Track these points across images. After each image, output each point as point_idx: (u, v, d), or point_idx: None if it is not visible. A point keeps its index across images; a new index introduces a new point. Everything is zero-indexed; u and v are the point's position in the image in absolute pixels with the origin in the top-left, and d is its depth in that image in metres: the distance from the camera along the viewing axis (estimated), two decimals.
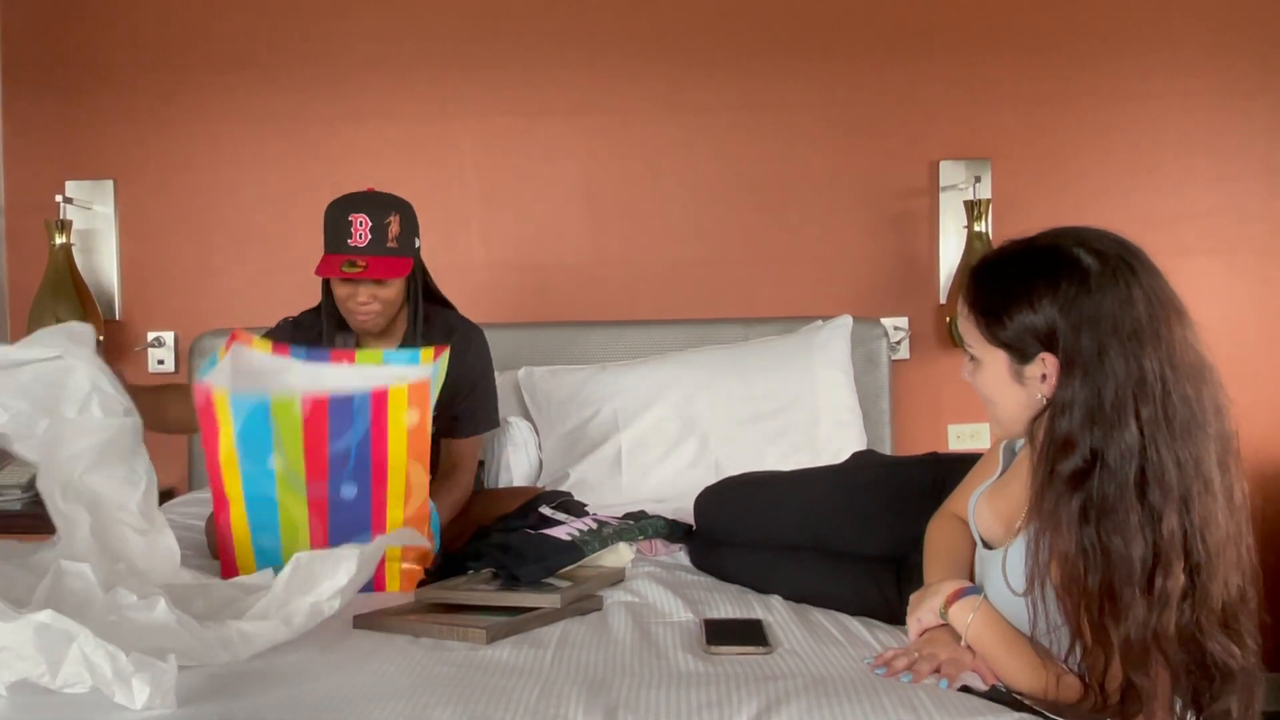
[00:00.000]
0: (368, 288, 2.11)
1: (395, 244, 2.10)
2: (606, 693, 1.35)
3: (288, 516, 1.79)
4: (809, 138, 3.08)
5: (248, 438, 1.76)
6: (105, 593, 1.44)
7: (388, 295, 2.14)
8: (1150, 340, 1.34)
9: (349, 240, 2.07)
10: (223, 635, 1.44)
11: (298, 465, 1.76)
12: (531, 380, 2.84)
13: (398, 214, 2.12)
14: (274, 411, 1.75)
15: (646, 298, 3.10)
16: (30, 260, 3.03)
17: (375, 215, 2.08)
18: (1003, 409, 1.48)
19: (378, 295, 2.12)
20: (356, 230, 2.07)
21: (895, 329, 3.04)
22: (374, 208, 2.10)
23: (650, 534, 2.14)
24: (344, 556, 1.56)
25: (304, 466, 1.76)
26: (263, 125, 3.08)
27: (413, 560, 1.87)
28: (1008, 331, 1.42)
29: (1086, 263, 1.37)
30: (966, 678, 1.41)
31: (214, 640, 1.43)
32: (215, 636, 1.43)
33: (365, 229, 2.07)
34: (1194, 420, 1.34)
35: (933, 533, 1.72)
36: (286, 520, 1.79)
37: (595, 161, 3.09)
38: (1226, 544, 1.34)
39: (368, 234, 2.07)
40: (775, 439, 2.67)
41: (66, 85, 3.07)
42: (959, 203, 3.01)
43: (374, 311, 2.13)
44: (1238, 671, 1.35)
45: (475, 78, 3.07)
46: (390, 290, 2.14)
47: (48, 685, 1.31)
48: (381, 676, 1.43)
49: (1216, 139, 3.07)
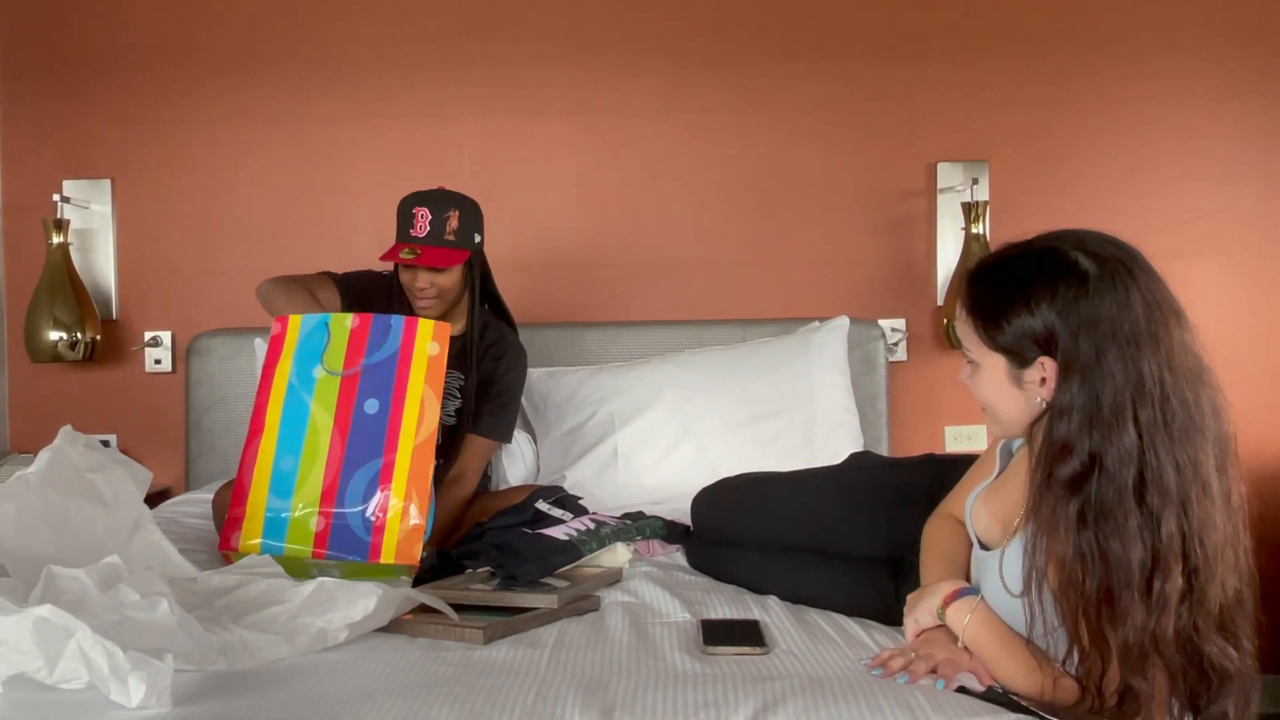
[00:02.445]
0: (426, 274, 2.27)
1: (453, 237, 2.27)
2: (603, 693, 1.35)
3: (313, 437, 1.96)
4: (807, 139, 3.08)
5: (304, 349, 2.02)
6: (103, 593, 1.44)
7: (445, 283, 2.29)
8: (1149, 343, 1.34)
9: (411, 230, 2.27)
10: (223, 642, 1.44)
11: (338, 365, 2.00)
12: (529, 381, 2.84)
13: (458, 210, 2.28)
14: (331, 324, 2.04)
15: (644, 298, 3.10)
16: (28, 259, 3.03)
17: (436, 209, 2.26)
18: (1001, 413, 1.48)
19: (435, 282, 2.28)
20: (418, 222, 2.26)
21: (892, 331, 3.04)
22: (436, 203, 2.27)
23: (648, 534, 2.14)
24: (366, 592, 1.57)
25: (342, 366, 2.00)
26: (261, 125, 3.08)
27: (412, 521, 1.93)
28: (1006, 336, 1.42)
29: (1084, 266, 1.37)
30: (963, 678, 1.41)
31: (213, 646, 1.43)
32: (215, 642, 1.43)
33: (425, 221, 2.25)
34: (1192, 423, 1.34)
35: (929, 533, 1.72)
36: (311, 441, 1.96)
37: (593, 162, 3.10)
38: (1224, 547, 1.34)
39: (427, 225, 2.25)
40: (772, 440, 2.67)
41: (65, 84, 3.07)
42: (956, 204, 3.02)
43: (431, 297, 2.30)
44: (1235, 674, 1.35)
45: (474, 78, 3.07)
46: (447, 279, 2.29)
47: (44, 680, 1.31)
48: (378, 676, 1.42)
49: (1214, 142, 3.07)
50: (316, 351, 2.03)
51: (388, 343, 2.02)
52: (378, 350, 2.02)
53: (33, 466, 1.70)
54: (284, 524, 1.91)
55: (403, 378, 2.00)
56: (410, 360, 2.00)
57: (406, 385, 1.99)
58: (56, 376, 3.08)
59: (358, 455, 1.94)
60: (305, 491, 1.92)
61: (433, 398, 1.98)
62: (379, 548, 1.89)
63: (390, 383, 1.99)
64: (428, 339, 2.02)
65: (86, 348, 2.93)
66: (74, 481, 1.71)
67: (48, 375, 3.08)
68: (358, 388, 1.99)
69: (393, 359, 2.01)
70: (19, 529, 1.60)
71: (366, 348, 2.02)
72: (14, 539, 1.58)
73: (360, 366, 2.01)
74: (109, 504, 1.72)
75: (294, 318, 2.06)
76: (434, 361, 2.01)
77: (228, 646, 1.44)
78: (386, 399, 1.98)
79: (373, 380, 1.99)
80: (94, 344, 2.95)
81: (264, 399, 2.02)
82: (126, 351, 3.09)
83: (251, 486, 1.95)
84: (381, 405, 1.97)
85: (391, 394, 1.98)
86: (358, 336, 2.03)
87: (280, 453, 1.96)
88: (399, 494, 1.91)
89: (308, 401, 1.99)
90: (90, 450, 1.78)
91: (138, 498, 1.77)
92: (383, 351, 2.02)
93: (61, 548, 1.60)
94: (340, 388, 1.99)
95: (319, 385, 2.00)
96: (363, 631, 1.59)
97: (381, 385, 1.99)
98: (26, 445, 3.06)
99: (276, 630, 1.51)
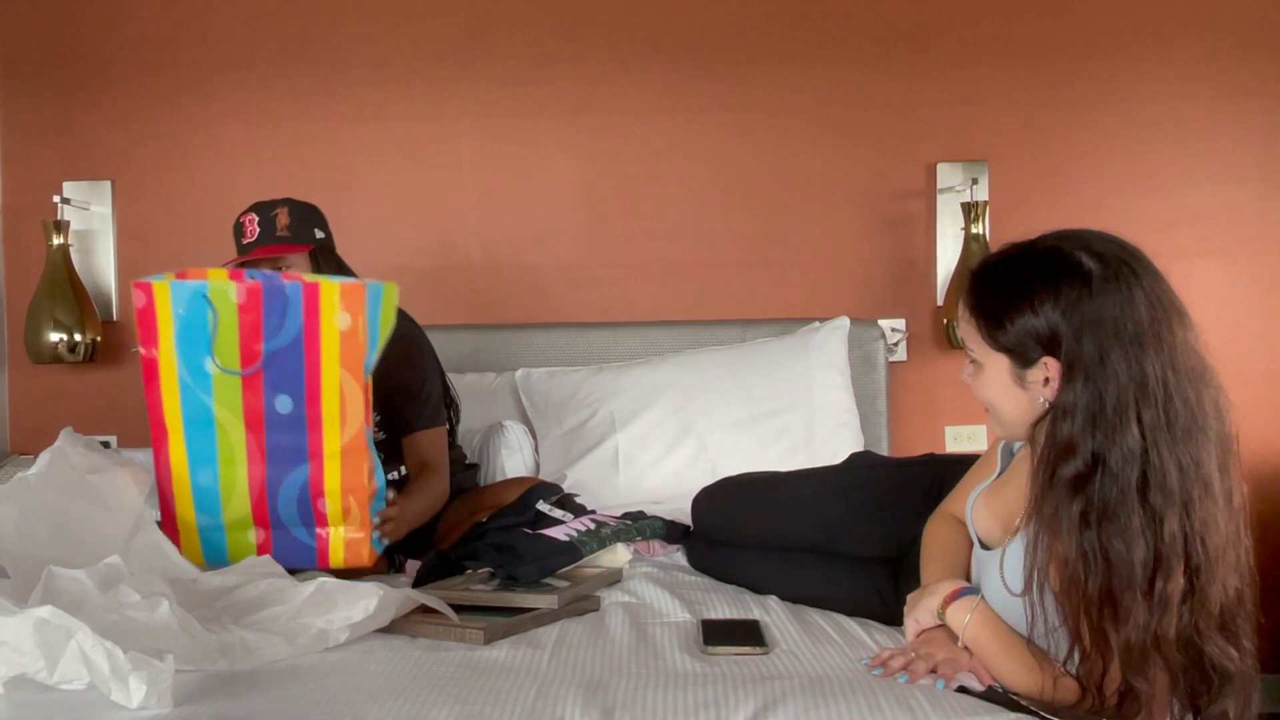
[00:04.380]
0: None
1: (286, 232, 2.18)
2: (603, 693, 1.35)
3: (225, 441, 1.73)
4: (806, 139, 3.08)
5: (187, 330, 1.69)
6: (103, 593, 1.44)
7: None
8: (1152, 343, 1.34)
9: (242, 240, 2.18)
10: (224, 642, 1.44)
11: (233, 361, 1.70)
12: (529, 381, 2.85)
13: (285, 206, 2.20)
14: (212, 297, 1.68)
15: (644, 299, 3.10)
16: (28, 261, 3.03)
17: (263, 212, 2.18)
18: (1004, 413, 1.48)
19: None
20: (248, 229, 2.17)
21: (892, 331, 3.04)
22: (260, 207, 2.20)
23: (648, 535, 2.14)
24: (366, 593, 1.57)
25: (239, 362, 1.69)
26: (261, 126, 3.07)
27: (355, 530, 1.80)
28: (1009, 335, 1.42)
29: (1088, 266, 1.37)
30: (963, 678, 1.41)
31: (214, 646, 1.43)
32: (216, 642, 1.43)
33: (254, 225, 2.17)
34: (1195, 423, 1.34)
35: (930, 533, 1.72)
36: (224, 446, 1.73)
37: (593, 163, 3.09)
38: (1226, 547, 1.34)
39: (256, 229, 2.16)
40: (772, 440, 2.67)
41: (65, 86, 3.07)
42: (956, 205, 3.02)
43: None
44: (1235, 673, 1.35)
45: (473, 78, 3.07)
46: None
47: (45, 681, 1.31)
48: (379, 676, 1.43)
49: (1213, 142, 3.07)
50: (203, 337, 1.69)
51: (288, 321, 1.68)
52: (278, 332, 1.68)
53: (33, 468, 1.71)
54: (221, 540, 1.79)
55: (314, 366, 1.68)
56: (319, 341, 1.68)
57: (320, 375, 1.68)
58: (57, 378, 3.08)
59: (280, 463, 1.73)
60: (233, 508, 1.76)
61: (354, 384, 1.70)
62: (326, 555, 1.82)
63: (300, 374, 1.68)
64: (334, 309, 1.67)
65: (87, 349, 2.93)
66: (74, 483, 1.71)
67: (48, 376, 3.08)
68: (263, 385, 1.70)
69: (297, 342, 1.68)
70: (19, 530, 1.60)
71: (263, 330, 1.69)
72: (14, 540, 1.58)
73: (260, 361, 1.68)
74: (109, 505, 1.72)
75: (159, 285, 1.72)
76: (347, 338, 1.68)
77: (228, 647, 1.44)
78: (300, 394, 1.70)
79: (278, 373, 1.69)
80: (94, 345, 2.95)
81: (156, 396, 1.74)
82: (127, 353, 3.08)
83: (175, 501, 1.78)
84: (295, 403, 1.70)
85: (304, 388, 1.69)
86: (249, 315, 1.68)
87: (195, 464, 1.75)
88: (335, 507, 1.76)
89: (208, 403, 1.71)
90: (90, 452, 1.78)
91: (138, 499, 1.77)
92: (284, 334, 1.68)
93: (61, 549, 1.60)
94: (243, 386, 1.70)
95: (217, 384, 1.71)
96: (363, 632, 1.59)
97: (290, 377, 1.69)
98: (27, 446, 3.06)
99: (277, 630, 1.52)
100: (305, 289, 1.67)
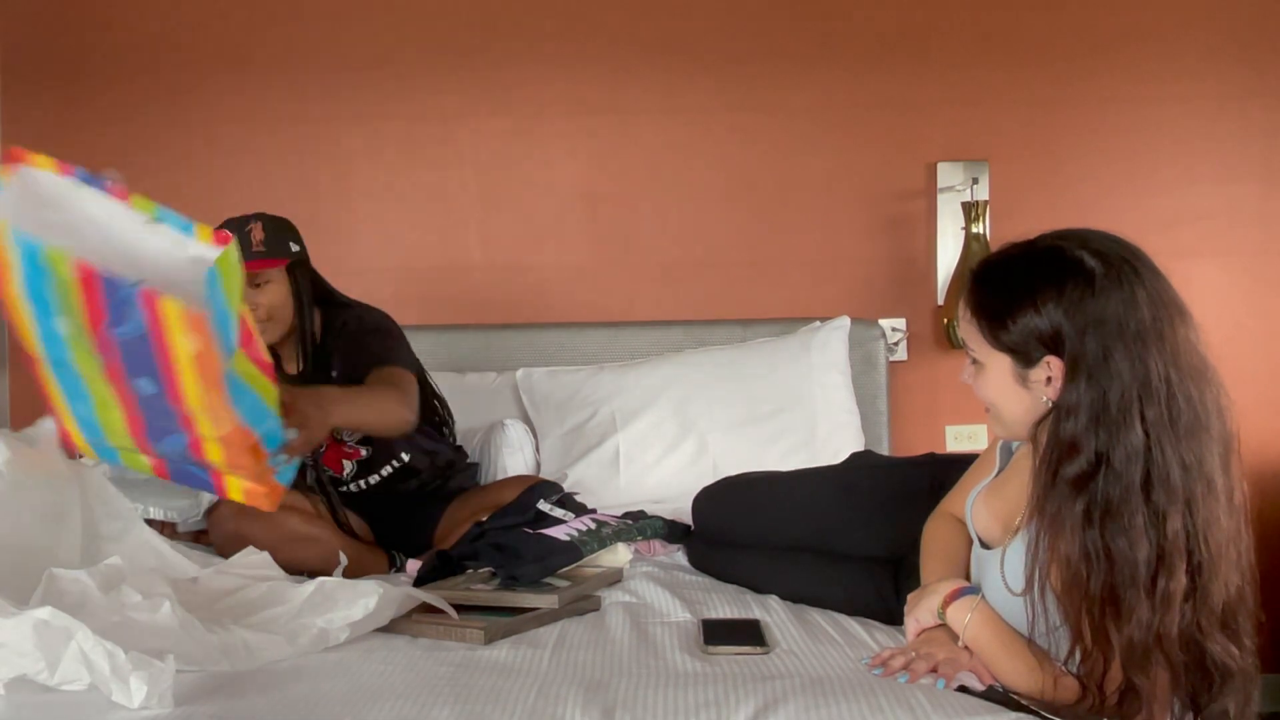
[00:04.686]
0: (248, 295, 2.10)
1: (261, 247, 2.17)
2: (604, 693, 1.35)
3: (96, 390, 1.54)
4: (807, 139, 3.08)
5: (31, 286, 1.46)
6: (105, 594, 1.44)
7: (271, 300, 2.19)
8: (1154, 341, 1.34)
9: None
10: (226, 643, 1.44)
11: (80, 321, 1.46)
12: (530, 381, 2.85)
13: (259, 221, 2.19)
14: (49, 261, 1.42)
15: (644, 299, 3.10)
16: None
17: (237, 228, 2.13)
18: (1006, 413, 1.48)
19: (260, 302, 2.16)
20: None
21: (893, 330, 3.04)
22: (236, 224, 2.17)
23: (649, 534, 2.14)
24: (366, 591, 1.58)
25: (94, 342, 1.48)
26: (261, 126, 3.07)
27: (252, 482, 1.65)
28: (1011, 335, 1.42)
29: (1090, 265, 1.37)
30: (963, 677, 1.41)
31: (215, 646, 1.43)
32: (217, 643, 1.43)
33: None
34: (1198, 421, 1.34)
35: (930, 532, 1.72)
36: (96, 393, 1.55)
37: (593, 163, 3.09)
38: (1227, 545, 1.34)
39: None
40: (773, 440, 2.67)
41: (65, 86, 3.06)
42: (956, 204, 3.02)
43: (262, 319, 2.17)
44: (1236, 672, 1.35)
45: (474, 79, 3.07)
46: (272, 295, 2.19)
47: (45, 682, 1.31)
48: (379, 676, 1.42)
49: (1214, 142, 3.07)
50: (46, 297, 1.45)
51: (129, 320, 1.44)
52: (122, 321, 1.44)
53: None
54: (114, 455, 1.66)
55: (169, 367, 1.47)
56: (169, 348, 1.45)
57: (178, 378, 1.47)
58: None
59: (157, 426, 1.55)
60: (117, 439, 1.60)
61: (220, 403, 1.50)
62: (223, 489, 1.68)
63: (155, 367, 1.47)
64: (179, 330, 1.43)
65: None
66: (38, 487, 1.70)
67: None
68: (121, 361, 1.48)
69: (145, 340, 1.45)
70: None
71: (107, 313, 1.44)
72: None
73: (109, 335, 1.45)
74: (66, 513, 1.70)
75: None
76: (201, 359, 1.45)
77: (229, 647, 1.44)
78: (159, 383, 1.49)
79: (132, 359, 1.48)
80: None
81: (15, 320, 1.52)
82: None
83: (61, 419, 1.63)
84: (157, 387, 1.49)
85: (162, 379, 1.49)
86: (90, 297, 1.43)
87: (70, 398, 1.58)
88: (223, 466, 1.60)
89: (69, 359, 1.51)
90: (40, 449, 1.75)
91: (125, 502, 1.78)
92: (129, 327, 1.44)
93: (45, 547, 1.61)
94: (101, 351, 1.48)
95: (73, 343, 1.49)
96: (363, 630, 1.59)
97: (145, 365, 1.48)
98: None
99: (278, 631, 1.52)
100: (144, 298, 1.42)
